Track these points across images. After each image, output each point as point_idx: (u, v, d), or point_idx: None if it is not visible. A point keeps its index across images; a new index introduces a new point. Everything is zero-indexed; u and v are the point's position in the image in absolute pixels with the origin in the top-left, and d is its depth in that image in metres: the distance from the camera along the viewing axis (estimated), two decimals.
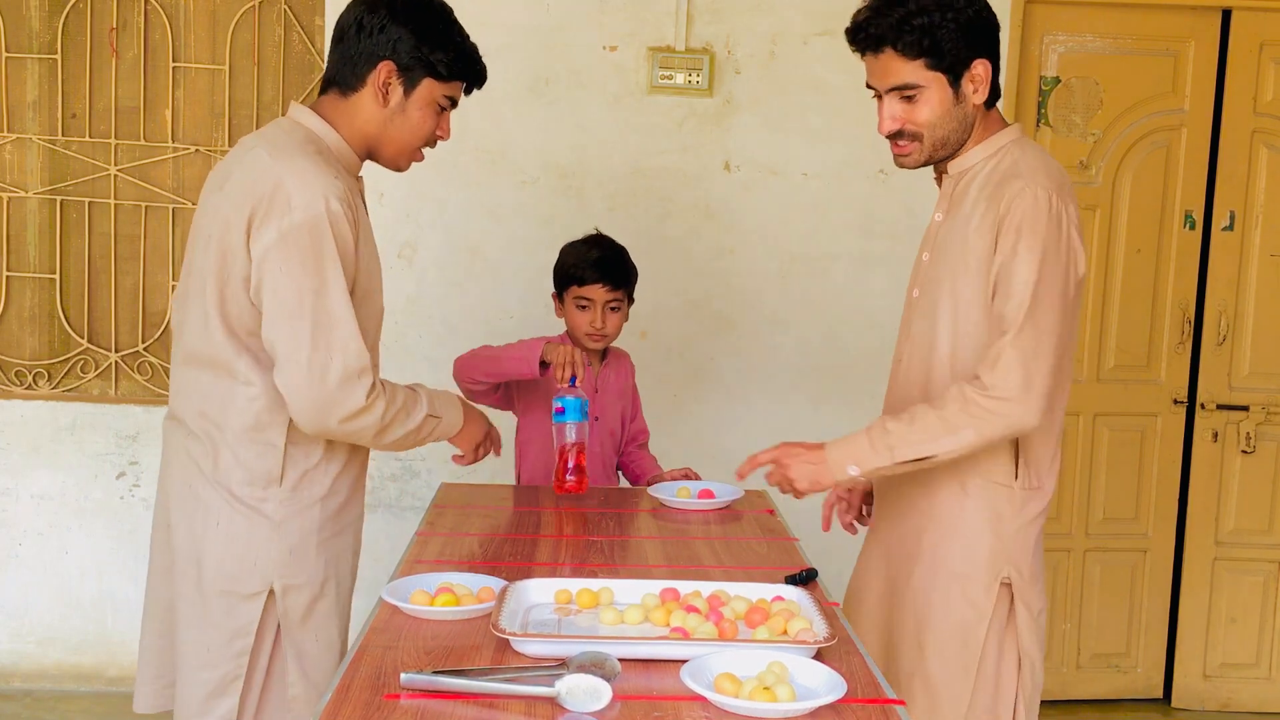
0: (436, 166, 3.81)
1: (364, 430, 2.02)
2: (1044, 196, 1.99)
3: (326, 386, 1.95)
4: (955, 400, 2.00)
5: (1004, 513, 2.11)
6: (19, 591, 3.91)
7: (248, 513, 2.03)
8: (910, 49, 2.02)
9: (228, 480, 2.04)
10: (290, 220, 1.93)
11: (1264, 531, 4.07)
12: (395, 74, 2.08)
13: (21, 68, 3.78)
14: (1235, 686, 4.11)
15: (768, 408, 3.94)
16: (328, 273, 1.95)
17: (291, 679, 2.08)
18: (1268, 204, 3.96)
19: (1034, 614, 2.13)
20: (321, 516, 2.10)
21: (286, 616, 2.06)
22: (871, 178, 3.86)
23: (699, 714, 1.54)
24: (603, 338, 2.96)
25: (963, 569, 2.12)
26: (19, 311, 3.85)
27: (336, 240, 1.96)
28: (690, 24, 3.80)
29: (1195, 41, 3.90)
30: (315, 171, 1.97)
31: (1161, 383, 4.03)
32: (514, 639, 1.72)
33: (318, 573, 2.10)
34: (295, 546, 2.06)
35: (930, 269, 2.17)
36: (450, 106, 2.18)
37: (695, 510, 2.70)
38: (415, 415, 2.11)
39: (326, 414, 1.97)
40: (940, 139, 2.09)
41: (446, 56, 2.10)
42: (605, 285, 2.91)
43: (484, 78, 2.22)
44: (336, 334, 1.95)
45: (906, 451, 2.02)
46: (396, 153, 2.16)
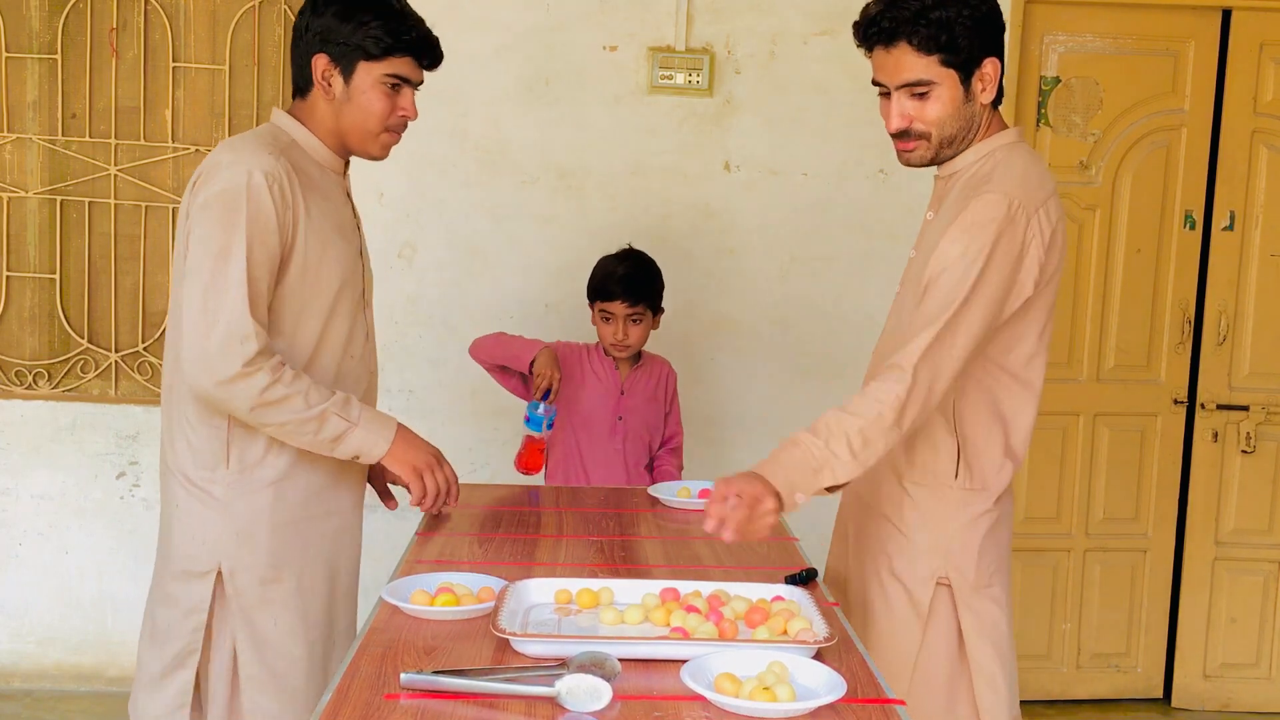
0: (436, 166, 3.82)
1: (239, 399, 1.99)
2: (1002, 203, 1.94)
3: (207, 346, 1.98)
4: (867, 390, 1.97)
5: (942, 512, 2.10)
6: (19, 591, 3.91)
7: (200, 494, 2.11)
8: (926, 44, 1.98)
9: (183, 465, 2.12)
10: (211, 189, 2.01)
11: (1264, 531, 4.07)
12: (330, 64, 2.11)
13: (21, 68, 3.78)
14: (1235, 686, 4.11)
15: (768, 408, 3.94)
16: (233, 240, 1.99)
17: (244, 659, 2.11)
18: (1268, 204, 3.96)
19: (986, 623, 2.10)
20: (273, 499, 2.12)
21: (239, 597, 2.11)
22: (871, 178, 3.86)
23: (699, 714, 1.54)
24: (626, 348, 3.16)
25: (899, 565, 2.12)
26: (19, 311, 3.85)
27: (253, 211, 2.00)
28: (690, 24, 3.80)
29: (1195, 41, 3.90)
30: (250, 149, 2.04)
31: (1161, 383, 4.03)
32: (514, 639, 1.72)
33: (269, 556, 2.12)
34: (242, 529, 2.10)
35: (913, 266, 2.17)
36: (403, 84, 2.15)
37: (695, 510, 2.70)
38: (314, 408, 2.04)
39: (203, 373, 1.99)
40: (948, 138, 2.06)
41: (373, 34, 2.08)
42: (625, 301, 3.11)
43: (425, 48, 2.16)
44: (226, 298, 1.98)
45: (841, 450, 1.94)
46: (360, 140, 2.17)
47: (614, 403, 3.21)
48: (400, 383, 3.87)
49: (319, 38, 2.10)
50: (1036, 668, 4.06)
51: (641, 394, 3.24)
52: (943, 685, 2.10)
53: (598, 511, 2.66)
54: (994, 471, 2.10)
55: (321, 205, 2.13)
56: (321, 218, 2.12)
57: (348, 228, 2.22)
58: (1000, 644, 2.12)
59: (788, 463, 1.94)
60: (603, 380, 3.22)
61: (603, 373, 3.22)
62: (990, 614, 2.11)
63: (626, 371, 3.24)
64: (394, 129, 2.19)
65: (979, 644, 2.09)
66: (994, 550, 2.12)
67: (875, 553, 2.18)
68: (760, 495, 1.89)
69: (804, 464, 1.93)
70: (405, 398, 3.87)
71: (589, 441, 3.20)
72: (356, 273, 2.23)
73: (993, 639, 2.10)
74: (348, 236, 2.20)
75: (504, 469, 3.86)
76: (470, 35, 3.78)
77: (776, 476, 1.93)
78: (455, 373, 3.87)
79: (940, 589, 2.10)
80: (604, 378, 3.22)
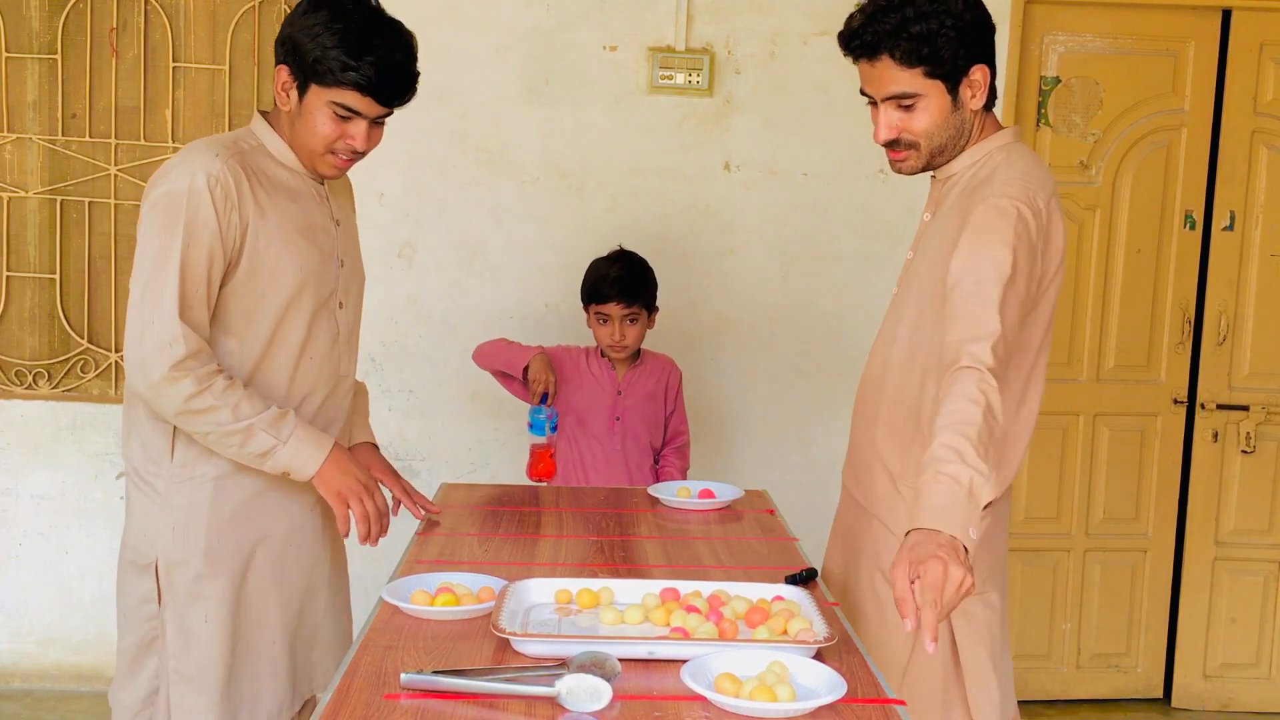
0: (436, 166, 3.82)
1: (166, 402, 2.01)
2: (1010, 205, 1.92)
3: (141, 349, 2.01)
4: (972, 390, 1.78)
5: None
6: (19, 591, 3.91)
7: (145, 488, 2.13)
8: (908, 57, 1.96)
9: (135, 460, 2.15)
10: (156, 192, 2.04)
11: (1264, 531, 4.07)
12: (289, 77, 2.10)
13: (21, 68, 3.78)
14: (1235, 686, 4.11)
15: (768, 408, 3.94)
16: (170, 243, 2.00)
17: (172, 651, 2.12)
18: (1268, 204, 3.96)
19: (979, 626, 2.08)
20: (213, 495, 2.12)
21: (171, 589, 2.12)
22: (871, 178, 3.86)
23: (699, 714, 1.54)
24: (623, 349, 3.17)
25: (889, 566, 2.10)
26: (19, 311, 3.85)
27: (190, 214, 2.01)
28: (690, 24, 3.80)
29: (1195, 41, 3.90)
30: (201, 153, 2.05)
31: (1161, 383, 4.03)
32: (514, 639, 1.72)
33: (204, 551, 2.11)
34: (179, 522, 2.11)
35: (911, 268, 2.16)
36: (352, 115, 2.09)
37: (695, 510, 2.70)
38: (241, 421, 2.02)
39: (137, 375, 2.02)
40: (938, 147, 2.05)
41: (326, 61, 2.04)
42: (620, 302, 3.12)
43: (376, 89, 2.06)
44: (159, 301, 2.00)
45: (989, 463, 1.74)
46: (306, 157, 2.16)
47: (611, 403, 3.21)
48: (400, 383, 3.87)
49: (284, 48, 2.09)
50: (1036, 668, 4.06)
51: (640, 393, 3.24)
52: (936, 688, 2.09)
53: (598, 511, 2.66)
54: None
55: (283, 206, 2.12)
56: (279, 219, 2.10)
57: (316, 230, 2.18)
58: (994, 646, 2.11)
59: (945, 503, 1.67)
60: (599, 381, 3.23)
61: (599, 374, 3.23)
62: (983, 617, 2.09)
63: (624, 371, 3.25)
64: (340, 153, 2.13)
65: (972, 647, 2.08)
66: (988, 554, 2.10)
67: (868, 554, 2.18)
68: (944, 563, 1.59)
69: (955, 495, 1.67)
70: (405, 398, 3.87)
71: (588, 443, 3.21)
72: (324, 275, 2.19)
73: (985, 642, 2.09)
74: (314, 238, 2.17)
75: (504, 469, 3.86)
76: (470, 35, 3.78)
77: (948, 524, 1.64)
78: (455, 373, 3.87)
79: None
80: (600, 378, 3.23)
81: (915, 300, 2.11)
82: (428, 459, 3.90)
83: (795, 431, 3.94)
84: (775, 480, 3.56)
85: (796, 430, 3.94)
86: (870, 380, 2.20)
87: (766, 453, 3.94)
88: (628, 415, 3.22)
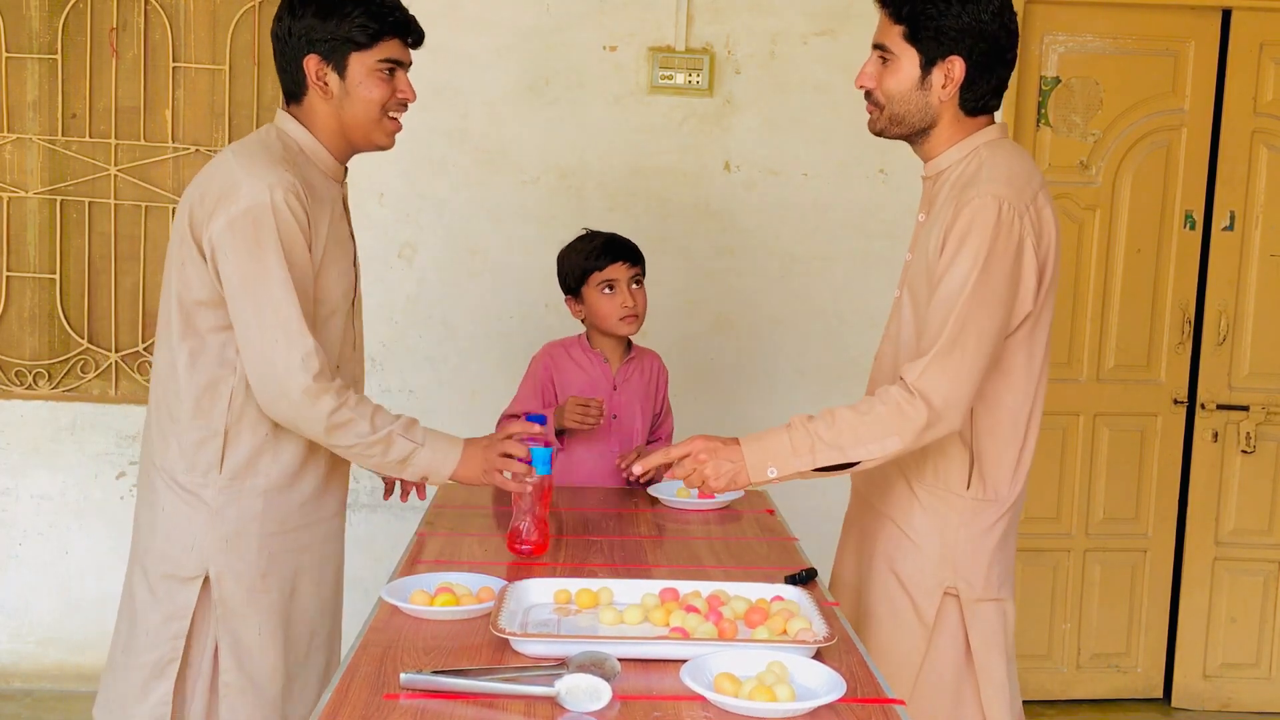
0: (436, 166, 3.82)
1: (311, 420, 2.01)
2: (992, 205, 1.95)
3: (275, 371, 1.99)
4: (881, 404, 1.96)
5: (952, 521, 2.07)
6: (19, 591, 3.91)
7: (189, 498, 2.09)
8: (894, 13, 2.05)
9: (173, 467, 2.10)
10: (237, 208, 1.99)
11: (1264, 531, 4.07)
12: (322, 63, 2.09)
13: (21, 68, 3.78)
14: (1235, 686, 4.11)
15: (767, 408, 3.94)
16: (269, 259, 1.99)
17: (224, 665, 2.10)
18: (1268, 204, 3.96)
19: (994, 630, 2.08)
20: (264, 508, 2.11)
21: (224, 603, 2.09)
22: (871, 178, 3.86)
23: (699, 714, 1.54)
24: (635, 318, 2.91)
25: (907, 573, 2.10)
26: (19, 311, 3.85)
27: (280, 229, 1.99)
28: (690, 24, 3.80)
29: (1195, 41, 3.90)
30: (266, 165, 2.03)
31: (1161, 383, 4.03)
32: (514, 639, 1.72)
33: (258, 564, 2.11)
34: (232, 534, 2.09)
35: (909, 269, 2.17)
36: (398, 67, 2.14)
37: (695, 510, 2.70)
38: (379, 431, 2.06)
39: (278, 398, 2.00)
40: (896, 115, 2.09)
41: (356, 24, 2.07)
42: (625, 262, 2.90)
43: (409, 27, 2.15)
44: (279, 318, 1.99)
45: (829, 455, 1.97)
46: (365, 133, 2.16)
47: (606, 400, 2.93)
48: (400, 383, 3.87)
49: (304, 39, 2.08)
50: (1036, 668, 4.06)
51: (635, 388, 2.99)
52: (948, 692, 2.09)
53: (598, 511, 2.66)
54: (1007, 482, 2.09)
55: (327, 218, 2.13)
56: (328, 233, 2.12)
57: (345, 239, 2.22)
58: (1008, 650, 2.11)
59: (772, 443, 2.01)
60: (593, 376, 2.95)
61: (591, 367, 2.96)
62: (997, 622, 2.10)
63: (618, 364, 2.98)
64: (394, 112, 2.18)
65: (987, 653, 2.08)
66: (1003, 560, 2.11)
67: (881, 557, 2.16)
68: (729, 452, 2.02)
69: (783, 445, 1.99)
70: (405, 397, 3.87)
71: (581, 443, 2.94)
72: (349, 285, 2.22)
73: (1001, 646, 2.10)
74: (345, 248, 2.20)
75: None
76: (470, 35, 3.78)
77: (759, 459, 2.00)
78: (455, 372, 3.87)
79: (948, 599, 2.08)
80: (594, 373, 2.95)
81: (911, 302, 2.12)
82: None
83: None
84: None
85: None
86: (878, 382, 2.19)
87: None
88: (624, 412, 2.96)
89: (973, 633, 2.07)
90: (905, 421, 1.94)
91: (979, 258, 1.94)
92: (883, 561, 2.15)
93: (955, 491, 2.08)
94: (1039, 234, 1.99)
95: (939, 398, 1.93)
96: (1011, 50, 2.07)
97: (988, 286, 1.94)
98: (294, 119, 2.16)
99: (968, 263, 1.95)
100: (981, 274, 1.94)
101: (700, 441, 2.05)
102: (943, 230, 2.00)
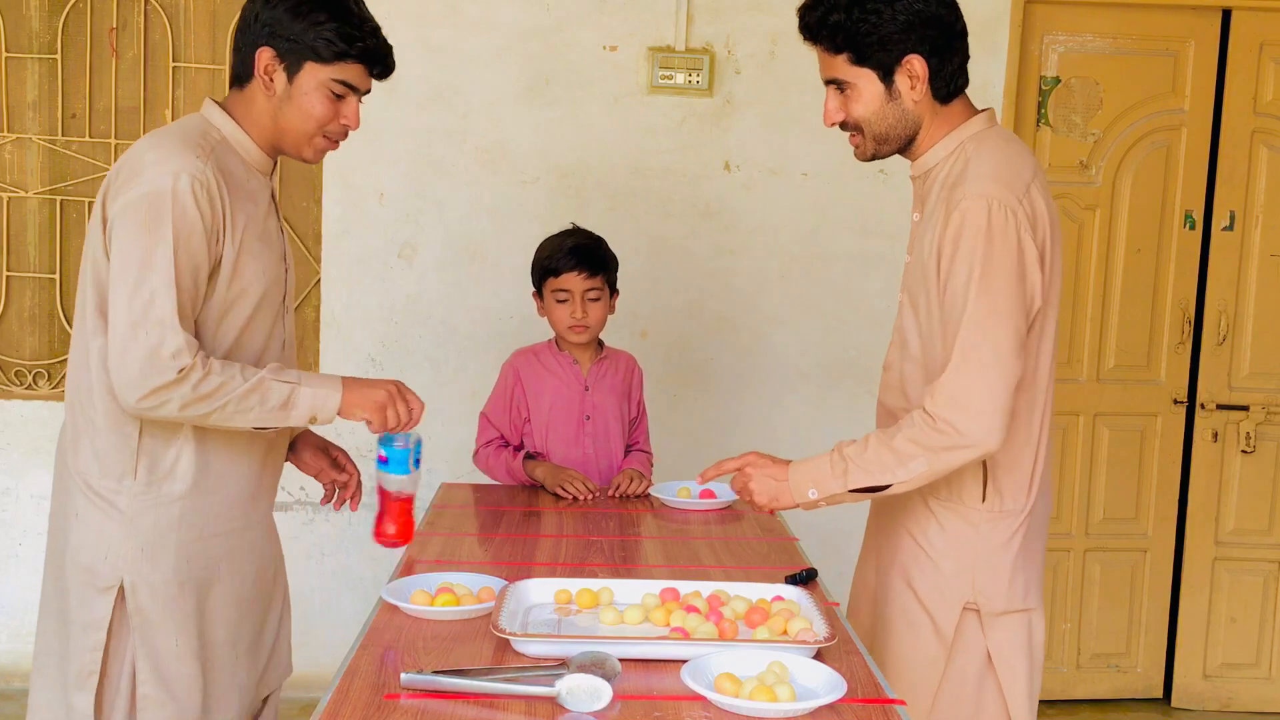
0: (436, 166, 3.82)
1: (170, 405, 1.89)
2: (981, 208, 1.89)
3: (134, 359, 1.87)
4: (906, 429, 1.94)
5: (969, 536, 2.03)
6: (19, 591, 3.91)
7: (103, 505, 1.99)
8: (831, 45, 2.01)
9: (86, 472, 2.01)
10: (137, 191, 1.91)
11: (1264, 531, 4.07)
12: (275, 59, 2.00)
13: (21, 68, 3.78)
14: (1235, 686, 4.11)
15: (767, 408, 3.94)
16: (157, 248, 1.89)
17: (141, 678, 2.00)
18: (1268, 204, 3.96)
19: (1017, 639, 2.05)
20: (182, 514, 2.00)
21: (139, 613, 1.99)
22: (871, 178, 3.86)
23: (699, 714, 1.54)
24: (584, 329, 2.87)
25: (924, 589, 2.07)
26: (19, 311, 3.85)
27: (178, 216, 1.90)
28: (690, 24, 3.80)
29: (1195, 41, 3.90)
30: (177, 151, 1.93)
31: (1161, 383, 4.03)
32: (514, 639, 1.72)
33: (175, 573, 2.00)
34: (147, 543, 1.98)
35: (909, 271, 2.11)
36: (349, 93, 2.04)
37: (695, 510, 2.70)
38: (249, 380, 1.93)
39: (133, 385, 1.88)
40: (880, 134, 2.04)
41: (325, 36, 1.98)
42: (582, 273, 2.84)
43: (379, 59, 2.04)
44: (152, 306, 1.88)
45: (859, 478, 1.98)
46: (294, 142, 2.06)
47: (579, 400, 2.93)
48: None
49: (267, 29, 1.99)
50: None
51: (608, 389, 2.96)
52: (969, 701, 2.05)
53: (598, 511, 2.66)
54: (1023, 491, 2.04)
55: (247, 211, 2.03)
56: (246, 225, 2.02)
57: (271, 233, 2.11)
58: (1034, 661, 2.08)
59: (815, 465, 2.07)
60: (563, 378, 2.93)
61: (561, 370, 2.94)
62: (1020, 634, 2.06)
63: (589, 365, 2.95)
64: (331, 136, 2.08)
65: (1008, 665, 2.05)
66: (1026, 569, 2.06)
67: (898, 571, 2.12)
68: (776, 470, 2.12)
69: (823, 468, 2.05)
70: None
71: (555, 447, 2.93)
72: (279, 280, 2.12)
73: (1025, 657, 2.06)
74: (270, 242, 2.09)
75: None
76: (470, 35, 3.78)
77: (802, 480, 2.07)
78: (455, 373, 3.87)
79: (967, 613, 2.04)
80: (564, 374, 2.94)
81: (911, 305, 2.08)
82: (427, 459, 3.84)
83: (795, 432, 3.94)
84: None
85: (796, 430, 3.94)
86: (891, 389, 2.16)
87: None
88: (598, 414, 2.94)
89: (993, 646, 2.04)
90: (928, 445, 1.92)
91: (974, 267, 1.89)
92: (900, 576, 2.11)
93: (971, 505, 2.03)
94: (1034, 226, 1.92)
95: (962, 418, 1.89)
96: (959, 21, 2.01)
97: (991, 294, 1.89)
98: (221, 110, 2.06)
99: (963, 274, 1.90)
100: (982, 283, 1.89)
101: (754, 456, 2.17)
102: (936, 235, 1.96)
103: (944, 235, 1.94)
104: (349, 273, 3.84)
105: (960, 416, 1.90)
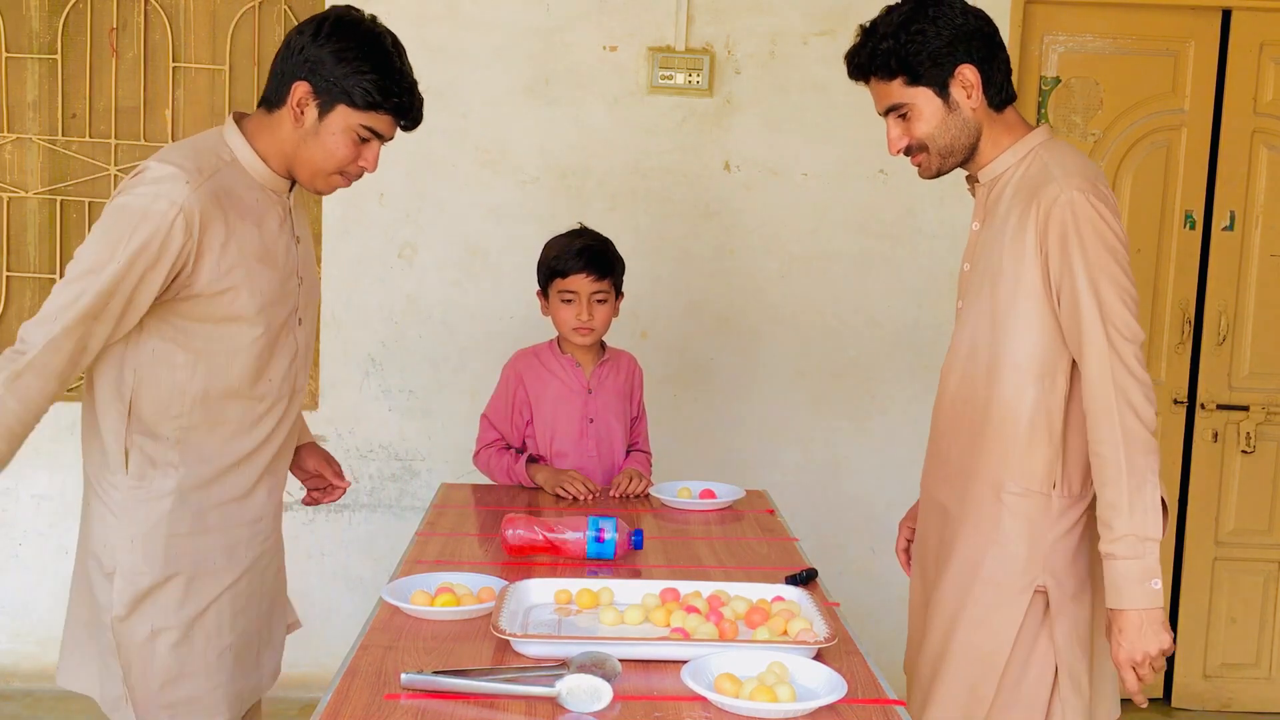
0: (436, 166, 3.82)
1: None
2: (1080, 200, 1.98)
3: (31, 323, 1.94)
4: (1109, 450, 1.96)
5: (1040, 521, 2.07)
6: (19, 591, 3.91)
7: (102, 498, 2.07)
8: (885, 73, 2.08)
9: (92, 466, 2.10)
10: (120, 199, 1.95)
11: (1264, 531, 4.07)
12: (310, 95, 2.03)
13: (21, 68, 3.78)
14: (1235, 686, 4.11)
15: (768, 408, 3.94)
16: (112, 256, 1.91)
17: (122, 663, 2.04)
18: (1268, 204, 3.96)
19: (1080, 626, 2.09)
20: (172, 511, 2.04)
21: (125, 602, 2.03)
22: (871, 178, 3.86)
23: (699, 714, 1.54)
24: (590, 331, 2.86)
25: (996, 576, 2.09)
26: (19, 311, 3.85)
27: (147, 238, 1.91)
28: (690, 24, 3.80)
29: (1195, 41, 3.90)
30: (173, 177, 1.95)
31: (1161, 383, 4.03)
32: (514, 639, 1.72)
33: (163, 565, 2.04)
34: (138, 535, 2.03)
35: (970, 279, 2.15)
36: (373, 138, 2.08)
37: (695, 510, 2.70)
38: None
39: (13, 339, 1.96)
40: (944, 147, 2.10)
41: (363, 85, 2.01)
42: (589, 275, 2.83)
43: (411, 114, 2.09)
44: (75, 303, 1.91)
45: (1144, 518, 1.95)
46: (310, 175, 2.10)
47: (582, 403, 2.91)
48: (400, 383, 3.87)
49: (309, 65, 2.02)
50: None
51: (610, 391, 2.95)
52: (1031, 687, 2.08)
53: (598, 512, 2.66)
54: (1086, 477, 2.08)
55: (246, 233, 2.04)
56: (240, 247, 2.03)
57: (277, 253, 2.12)
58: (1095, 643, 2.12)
59: (1118, 581, 1.97)
60: (566, 381, 2.92)
61: (564, 372, 2.92)
62: (1083, 618, 2.10)
63: (591, 368, 2.93)
64: (348, 176, 2.12)
65: (1069, 649, 2.08)
66: (1087, 555, 2.11)
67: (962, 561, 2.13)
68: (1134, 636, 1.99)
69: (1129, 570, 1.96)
70: (405, 397, 3.88)
71: (558, 450, 2.91)
72: (285, 295, 2.13)
73: (1086, 643, 2.10)
74: (273, 262, 2.10)
75: None
76: (470, 35, 3.78)
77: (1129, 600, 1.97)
78: (455, 373, 3.87)
79: (1037, 596, 2.08)
80: (567, 378, 2.92)
81: (988, 315, 2.09)
82: (428, 459, 3.90)
83: (795, 431, 3.94)
84: (775, 480, 3.57)
85: (796, 430, 3.94)
86: (945, 395, 2.19)
87: (766, 453, 3.94)
88: (600, 417, 2.93)
89: (1057, 629, 2.08)
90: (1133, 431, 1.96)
91: (1098, 258, 1.97)
92: (964, 565, 2.13)
93: (1042, 491, 2.07)
94: (1114, 212, 2.04)
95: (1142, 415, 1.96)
96: (997, 33, 2.11)
97: (1109, 276, 1.97)
98: (238, 131, 2.09)
99: (1079, 267, 1.97)
100: (1105, 274, 1.97)
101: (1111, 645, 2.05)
102: (1028, 235, 2.02)
103: (1048, 235, 2.00)
104: (349, 273, 3.84)
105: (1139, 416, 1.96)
